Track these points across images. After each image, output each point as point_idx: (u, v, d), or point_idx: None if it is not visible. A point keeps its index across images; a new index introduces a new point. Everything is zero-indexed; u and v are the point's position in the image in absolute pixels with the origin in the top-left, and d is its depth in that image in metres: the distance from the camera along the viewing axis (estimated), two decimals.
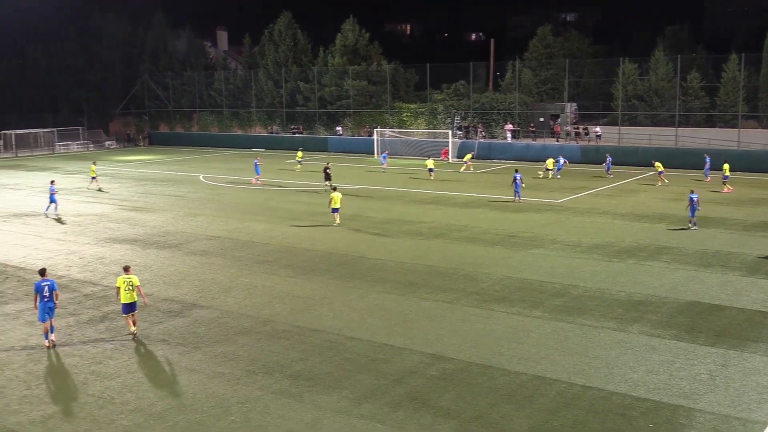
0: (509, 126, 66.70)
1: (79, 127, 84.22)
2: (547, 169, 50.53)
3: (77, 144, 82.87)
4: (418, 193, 43.46)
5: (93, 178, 48.38)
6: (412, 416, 14.21)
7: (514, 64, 71.24)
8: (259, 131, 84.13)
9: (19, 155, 76.48)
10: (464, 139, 67.17)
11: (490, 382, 15.78)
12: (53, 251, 29.23)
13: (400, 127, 72.20)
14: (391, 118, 73.95)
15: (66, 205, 40.94)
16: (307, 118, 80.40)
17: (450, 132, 64.79)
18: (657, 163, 46.64)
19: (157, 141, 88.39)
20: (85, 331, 19.49)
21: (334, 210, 33.23)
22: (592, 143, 62.36)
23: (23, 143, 79.18)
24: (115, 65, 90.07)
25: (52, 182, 38.76)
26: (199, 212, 37.98)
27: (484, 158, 61.80)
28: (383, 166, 54.75)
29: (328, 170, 45.34)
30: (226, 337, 18.80)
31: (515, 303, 21.27)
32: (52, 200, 37.45)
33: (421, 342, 18.19)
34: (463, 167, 54.28)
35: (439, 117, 71.76)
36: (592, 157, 58.52)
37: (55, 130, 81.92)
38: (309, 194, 43.31)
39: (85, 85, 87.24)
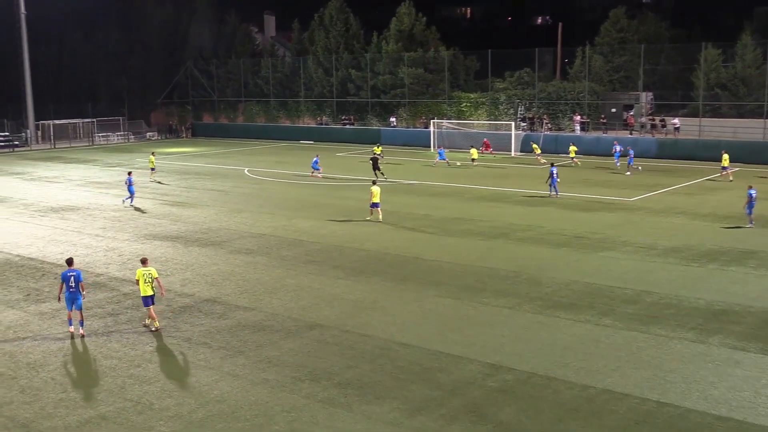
0: (578, 117, 65.92)
1: (120, 118, 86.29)
2: (572, 159, 52.30)
3: (117, 135, 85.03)
4: (478, 189, 43.25)
5: (152, 169, 49.67)
6: (469, 431, 14.14)
7: (583, 50, 70.32)
8: (307, 122, 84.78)
9: (57, 146, 78.48)
10: (528, 132, 66.62)
11: (555, 395, 15.63)
12: (91, 248, 29.88)
13: (459, 119, 71.96)
14: (449, 108, 73.78)
15: (105, 200, 41.86)
16: (359, 108, 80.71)
17: (513, 124, 64.35)
18: (725, 156, 45.67)
19: (200, 132, 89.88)
20: (123, 333, 19.86)
21: (374, 205, 33.70)
22: (670, 136, 61.27)
23: (61, 134, 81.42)
24: (158, 52, 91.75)
25: (129, 173, 40.67)
26: (243, 208, 38.40)
27: (550, 152, 61.12)
28: (436, 162, 54.67)
29: (378, 159, 46.41)
30: (271, 341, 18.96)
31: (583, 310, 21.02)
32: (131, 191, 39.57)
33: (480, 350, 18.10)
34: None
35: (501, 107, 71.29)
36: (669, 151, 57.52)
37: (94, 120, 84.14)
38: (362, 189, 43.41)
39: (126, 73, 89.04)
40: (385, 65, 77.22)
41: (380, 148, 57.97)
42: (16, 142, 77.91)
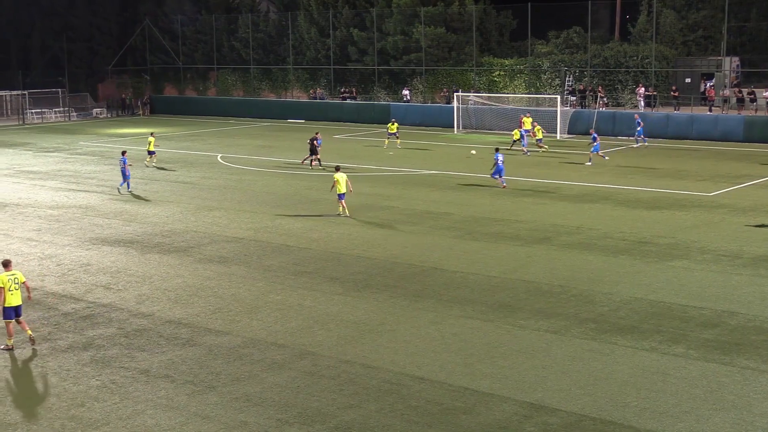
0: (642, 90, 65.89)
1: (58, 90, 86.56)
2: (539, 140, 53.97)
3: (55, 112, 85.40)
4: (512, 181, 43.26)
5: (151, 153, 50.36)
6: None
7: (650, 3, 70.25)
8: (297, 96, 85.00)
9: None
10: (578, 108, 66.62)
11: None
12: (23, 255, 30.01)
13: (490, 91, 72.04)
14: (477, 78, 73.87)
15: (40, 194, 42.04)
16: (362, 78, 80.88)
17: (559, 98, 64.39)
18: None
19: (160, 108, 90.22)
20: (63, 362, 19.93)
21: (341, 196, 34.69)
22: (761, 113, 61.13)
23: None
24: (106, 7, 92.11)
25: (123, 153, 42.21)
26: (216, 205, 38.63)
27: (607, 134, 61.13)
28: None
29: (315, 142, 48.14)
30: (251, 373, 19.00)
31: (647, 335, 21.02)
32: (125, 175, 41.57)
33: (515, 386, 18.12)
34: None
35: (544, 77, 71.35)
36: (760, 132, 57.39)
37: (25, 93, 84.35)
38: (366, 181, 43.45)
39: (66, 33, 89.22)
40: (396, 23, 77.36)
41: (396, 125, 58.15)
42: None
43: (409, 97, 76.34)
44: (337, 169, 36.20)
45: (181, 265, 28.27)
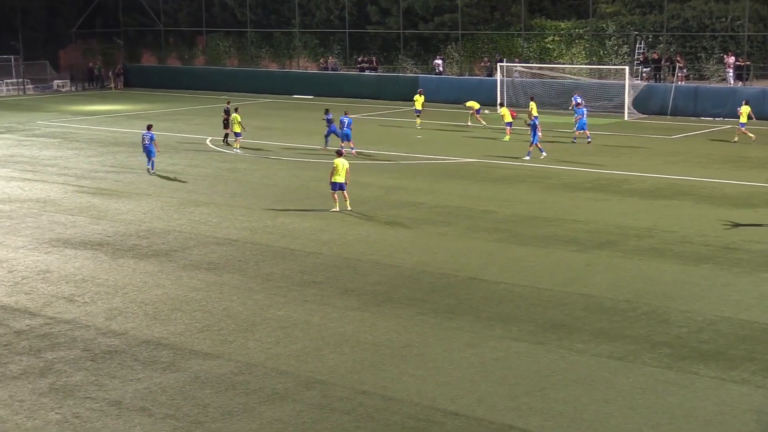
0: (731, 59, 65.50)
1: (11, 57, 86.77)
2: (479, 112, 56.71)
3: (7, 84, 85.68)
4: (569, 171, 43.11)
5: (237, 134, 51.10)
6: None
7: None
8: (305, 66, 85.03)
9: None
10: (651, 81, 66.32)
11: None
12: None
13: (542, 61, 71.85)
14: (526, 45, 73.66)
15: None
16: (384, 44, 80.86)
17: (627, 70, 64.17)
18: None
19: (136, 81, 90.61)
20: (15, 391, 19.90)
21: (337, 186, 35.19)
22: None
23: None
24: None
25: (149, 127, 44.20)
26: (204, 199, 38.70)
27: (685, 114, 60.90)
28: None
29: (228, 112, 51.77)
30: (246, 406, 18.95)
31: (736, 363, 20.85)
32: (150, 153, 44.07)
33: (572, 424, 18.03)
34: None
35: (608, 44, 71.03)
36: None
37: None
38: (396, 172, 43.42)
39: None
40: None
41: (422, 97, 58.35)
42: None
43: (442, 68, 76.33)
44: (339, 154, 36.36)
45: (162, 273, 28.26)
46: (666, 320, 23.60)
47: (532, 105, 54.25)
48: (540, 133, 46.76)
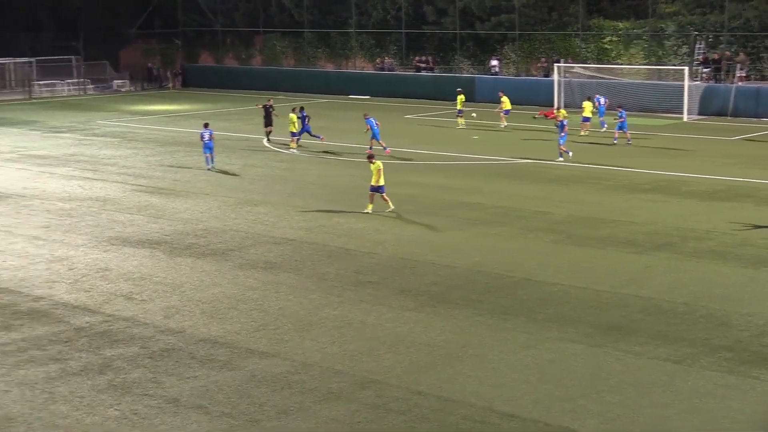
0: None
1: (72, 58, 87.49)
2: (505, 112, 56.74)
3: (68, 84, 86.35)
4: (626, 172, 42.91)
5: (294, 134, 51.29)
6: None
7: None
8: (361, 66, 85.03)
9: None
10: (711, 82, 65.70)
11: None
12: (28, 257, 30.37)
13: (599, 62, 71.40)
14: (584, 45, 73.25)
15: (49, 183, 42.74)
16: (441, 45, 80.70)
17: (687, 70, 63.58)
18: None
19: (195, 80, 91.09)
20: (75, 388, 20.03)
21: (376, 189, 35.11)
22: None
23: None
24: None
25: (206, 125, 44.88)
26: (261, 198, 38.85)
27: (746, 115, 60.26)
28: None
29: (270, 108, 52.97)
30: (301, 405, 18.96)
31: None
32: (209, 148, 44.97)
33: (629, 428, 17.90)
34: None
35: (668, 44, 70.43)
36: None
37: (32, 60, 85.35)
38: (451, 172, 43.40)
39: None
40: None
41: (462, 97, 58.53)
42: None
43: (498, 69, 76.07)
44: (370, 157, 36.24)
45: (219, 272, 28.36)
46: (726, 323, 23.35)
47: (587, 105, 54.08)
48: (566, 134, 46.59)
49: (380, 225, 33.85)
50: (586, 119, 54.42)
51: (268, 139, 53.28)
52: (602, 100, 56.77)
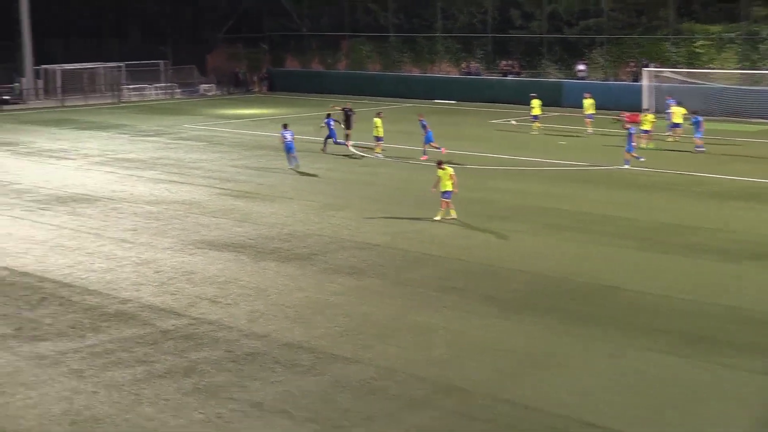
0: None
1: (160, 62, 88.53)
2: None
3: (156, 88, 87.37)
4: (716, 179, 42.60)
5: (378, 139, 51.46)
6: None
7: None
8: (446, 71, 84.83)
9: (66, 104, 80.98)
10: None
11: None
12: (115, 259, 30.73)
13: (691, 66, 70.46)
14: (674, 50, 72.33)
15: (137, 187, 43.30)
16: (528, 49, 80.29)
17: None
18: None
19: (281, 84, 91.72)
20: (161, 390, 20.22)
21: (446, 195, 34.85)
22: None
23: (73, 85, 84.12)
24: None
25: (284, 126, 46.08)
26: (344, 203, 38.98)
27: None
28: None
29: (350, 111, 53.75)
30: (386, 411, 18.96)
31: None
32: (289, 149, 46.17)
33: None
34: None
35: (762, 48, 69.20)
36: None
37: (122, 65, 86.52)
38: (537, 177, 43.42)
39: None
40: None
41: (538, 101, 58.16)
42: (6, 97, 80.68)
43: (586, 73, 75.43)
44: (440, 164, 36.01)
45: (303, 276, 28.45)
46: None
47: (675, 110, 53.36)
48: (635, 143, 46.16)
49: (464, 231, 33.79)
50: (677, 125, 53.59)
51: (347, 143, 52.99)
52: (673, 103, 55.77)
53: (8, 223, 36.33)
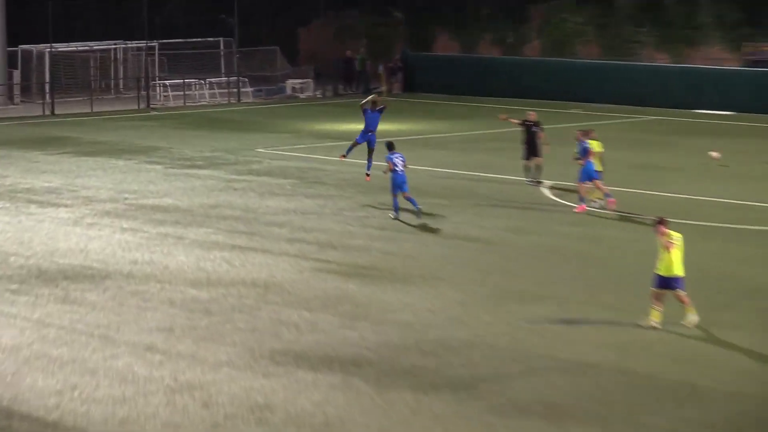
0: None
1: (220, 40, 68.97)
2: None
3: (212, 85, 67.36)
4: None
5: (596, 177, 43.24)
6: None
7: None
8: (718, 58, 66.41)
9: (59, 112, 62.17)
10: None
11: None
12: (136, 383, 22.68)
13: None
14: None
15: (177, 254, 32.96)
16: None
17: None
18: None
19: (425, 80, 71.47)
20: None
21: (664, 283, 25.64)
22: None
23: (71, 79, 64.50)
24: None
25: (390, 147, 37.36)
26: (537, 289, 29.05)
27: None
28: None
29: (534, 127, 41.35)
30: None
31: None
32: (401, 184, 37.24)
33: None
34: None
35: None
36: None
37: (154, 44, 67.01)
38: None
39: None
40: None
41: None
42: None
43: None
44: (661, 223, 26.37)
45: (461, 419, 20.76)
46: None
47: None
48: None
49: (748, 343, 24.62)
50: None
51: (537, 180, 41.59)
52: None
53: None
